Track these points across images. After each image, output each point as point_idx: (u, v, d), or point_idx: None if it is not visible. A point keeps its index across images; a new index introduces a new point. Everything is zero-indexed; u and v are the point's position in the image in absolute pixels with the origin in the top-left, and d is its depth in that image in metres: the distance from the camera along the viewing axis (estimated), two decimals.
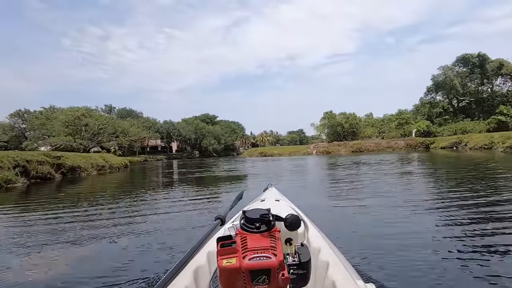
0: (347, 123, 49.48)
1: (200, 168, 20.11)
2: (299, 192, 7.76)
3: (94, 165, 18.11)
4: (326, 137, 54.87)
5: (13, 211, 6.68)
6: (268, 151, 45.89)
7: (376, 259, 2.64)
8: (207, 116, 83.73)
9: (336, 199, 6.17)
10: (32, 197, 9.03)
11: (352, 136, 48.58)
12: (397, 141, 39.72)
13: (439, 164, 14.67)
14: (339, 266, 1.17)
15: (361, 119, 51.84)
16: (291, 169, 15.39)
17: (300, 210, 1.74)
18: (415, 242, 3.09)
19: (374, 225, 3.94)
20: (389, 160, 18.34)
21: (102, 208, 6.44)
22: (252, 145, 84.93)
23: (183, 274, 1.11)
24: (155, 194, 8.56)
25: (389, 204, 5.24)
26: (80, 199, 7.95)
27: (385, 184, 8.04)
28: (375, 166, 14.08)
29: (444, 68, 46.70)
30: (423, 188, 7.35)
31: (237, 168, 19.15)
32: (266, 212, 0.85)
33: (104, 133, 43.44)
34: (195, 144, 70.08)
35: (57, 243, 3.77)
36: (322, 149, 39.90)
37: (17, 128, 49.20)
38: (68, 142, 37.12)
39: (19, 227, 4.93)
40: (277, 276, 0.74)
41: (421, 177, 9.50)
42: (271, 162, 22.96)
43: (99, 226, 4.64)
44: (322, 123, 52.83)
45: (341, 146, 39.95)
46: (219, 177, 13.47)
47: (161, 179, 13.99)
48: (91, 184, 12.54)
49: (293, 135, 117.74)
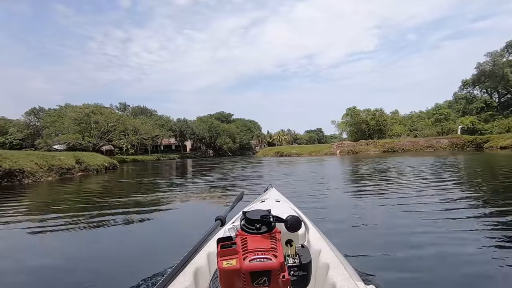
0: (373, 120, 44.70)
1: (197, 172, 17.07)
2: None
3: (55, 168, 13.93)
4: (348, 135, 50.48)
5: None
6: (285, 150, 41.55)
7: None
8: (222, 114, 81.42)
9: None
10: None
11: (378, 134, 43.80)
12: (439, 139, 34.57)
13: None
14: (339, 268, 1.16)
15: (388, 116, 46.75)
16: (321, 183, 9.03)
17: (300, 211, 1.76)
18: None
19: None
20: (449, 164, 13.55)
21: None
22: (269, 144, 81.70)
23: (183, 275, 1.10)
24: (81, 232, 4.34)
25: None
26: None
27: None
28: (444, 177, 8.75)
29: (492, 55, 40.72)
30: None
31: (238, 176, 12.72)
32: (266, 213, 0.84)
33: (115, 131, 41.86)
34: (210, 143, 67.94)
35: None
36: (348, 149, 35.45)
37: (32, 126, 48.88)
38: (75, 140, 35.60)
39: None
40: (277, 277, 0.73)
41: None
42: (289, 165, 18.75)
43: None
44: (345, 120, 48.29)
45: (370, 145, 35.31)
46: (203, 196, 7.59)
47: (137, 191, 8.88)
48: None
49: (311, 134, 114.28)
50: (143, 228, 4.41)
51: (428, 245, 2.96)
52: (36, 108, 50.34)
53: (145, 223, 4.71)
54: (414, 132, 46.49)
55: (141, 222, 4.75)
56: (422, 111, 63.09)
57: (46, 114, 47.37)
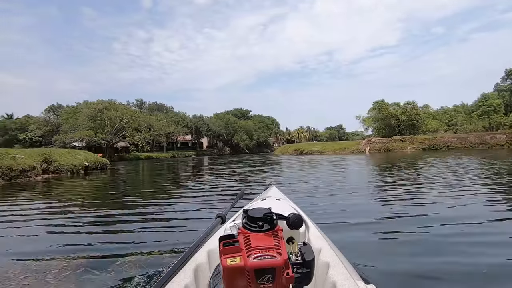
0: (404, 114, 40.10)
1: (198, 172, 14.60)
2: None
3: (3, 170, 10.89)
4: (374, 131, 46.23)
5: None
6: (305, 148, 37.36)
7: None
8: (239, 110, 79.01)
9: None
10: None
11: (411, 130, 39.18)
12: (495, 135, 29.24)
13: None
14: (340, 266, 1.16)
15: (421, 110, 41.77)
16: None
17: (301, 210, 1.74)
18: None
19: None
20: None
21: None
22: (287, 141, 78.57)
23: (183, 272, 1.11)
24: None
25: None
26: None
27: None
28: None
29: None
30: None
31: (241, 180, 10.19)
32: (269, 211, 0.84)
33: (129, 128, 40.65)
34: (227, 140, 65.93)
35: None
36: (379, 146, 30.93)
37: (51, 123, 49.01)
38: (88, 136, 34.57)
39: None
40: (281, 275, 0.73)
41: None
42: (314, 167, 15.09)
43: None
44: (371, 115, 43.94)
45: (406, 142, 30.67)
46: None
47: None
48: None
49: (332, 131, 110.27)
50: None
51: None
52: (54, 105, 50.54)
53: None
54: (453, 128, 41.44)
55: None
56: (456, 105, 57.37)
57: (64, 111, 47.22)
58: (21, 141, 47.73)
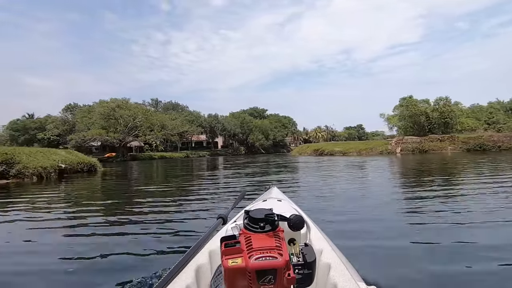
0: (435, 111, 36.26)
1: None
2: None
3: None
4: (400, 130, 42.59)
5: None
6: (325, 147, 33.83)
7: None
8: (255, 109, 76.94)
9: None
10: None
11: (443, 129, 35.26)
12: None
13: None
14: (341, 268, 1.15)
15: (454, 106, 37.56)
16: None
17: (302, 211, 1.73)
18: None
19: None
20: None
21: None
22: (304, 141, 75.72)
23: (184, 273, 1.11)
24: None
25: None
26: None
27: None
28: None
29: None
30: None
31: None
32: (270, 212, 0.85)
33: (141, 126, 39.73)
34: (242, 140, 64.18)
35: None
36: (412, 146, 27.31)
37: (68, 122, 49.33)
38: (99, 135, 33.80)
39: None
40: (283, 276, 0.74)
41: None
42: (349, 176, 10.49)
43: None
44: (397, 112, 40.25)
45: (446, 142, 26.75)
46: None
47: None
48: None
49: (351, 130, 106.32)
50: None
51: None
52: (71, 105, 50.89)
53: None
54: (494, 126, 37.04)
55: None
56: (491, 102, 52.25)
57: (79, 110, 47.30)
58: (40, 140, 48.37)
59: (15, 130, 51.26)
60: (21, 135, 50.92)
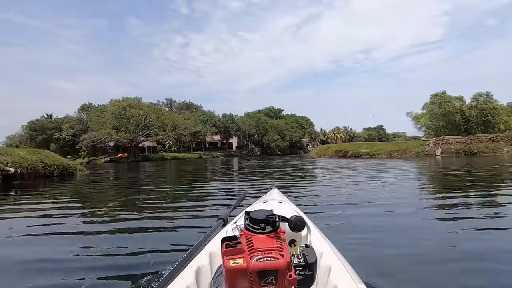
0: (474, 108, 32.24)
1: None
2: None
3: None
4: (429, 131, 38.66)
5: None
6: (349, 148, 30.37)
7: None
8: (271, 109, 74.48)
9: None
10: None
11: (483, 128, 31.25)
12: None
13: None
14: (341, 270, 1.14)
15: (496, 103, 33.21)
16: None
17: (302, 213, 1.75)
18: None
19: None
20: None
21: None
22: (322, 142, 72.31)
23: (184, 273, 1.12)
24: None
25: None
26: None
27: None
28: None
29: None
30: None
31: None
32: (271, 213, 0.85)
33: (153, 126, 38.43)
34: (258, 141, 61.94)
35: None
36: (455, 147, 23.75)
37: (83, 122, 49.18)
38: (108, 135, 32.66)
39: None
40: (284, 276, 0.74)
41: None
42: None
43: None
44: (429, 109, 36.30)
45: (500, 143, 23.05)
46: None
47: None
48: None
49: (371, 131, 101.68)
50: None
51: None
52: (86, 104, 50.76)
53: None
54: None
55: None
56: None
57: (93, 109, 46.93)
58: (56, 140, 48.52)
59: (33, 130, 51.83)
60: (38, 135, 51.39)
